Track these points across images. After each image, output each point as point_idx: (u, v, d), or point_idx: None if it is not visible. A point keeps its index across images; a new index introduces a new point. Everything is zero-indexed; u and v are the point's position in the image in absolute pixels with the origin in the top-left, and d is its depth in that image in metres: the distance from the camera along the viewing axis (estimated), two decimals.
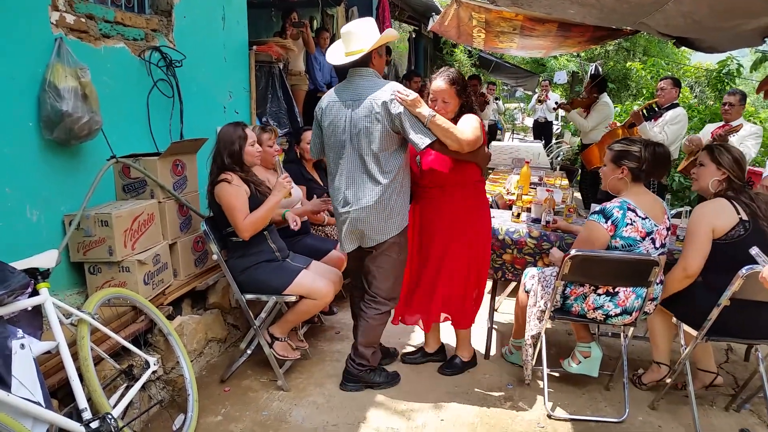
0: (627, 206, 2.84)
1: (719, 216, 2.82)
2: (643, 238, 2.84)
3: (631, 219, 2.82)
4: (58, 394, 2.40)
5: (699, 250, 2.84)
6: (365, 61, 2.89)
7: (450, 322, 3.35)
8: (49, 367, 2.38)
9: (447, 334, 3.60)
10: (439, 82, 2.97)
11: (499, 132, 12.69)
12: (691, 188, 3.14)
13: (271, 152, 3.61)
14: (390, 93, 2.81)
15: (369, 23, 2.91)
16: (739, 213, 2.79)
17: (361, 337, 3.15)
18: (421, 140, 2.80)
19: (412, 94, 2.79)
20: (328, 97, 2.98)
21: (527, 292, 3.23)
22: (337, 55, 2.96)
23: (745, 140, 4.70)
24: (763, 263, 2.37)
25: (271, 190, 3.13)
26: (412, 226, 3.19)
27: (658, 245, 2.87)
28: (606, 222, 2.83)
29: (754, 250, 2.41)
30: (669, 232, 2.96)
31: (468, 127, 2.91)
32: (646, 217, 2.84)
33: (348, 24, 2.97)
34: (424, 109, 2.80)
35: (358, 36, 2.86)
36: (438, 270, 3.19)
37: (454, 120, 2.97)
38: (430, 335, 3.53)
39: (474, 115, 3.00)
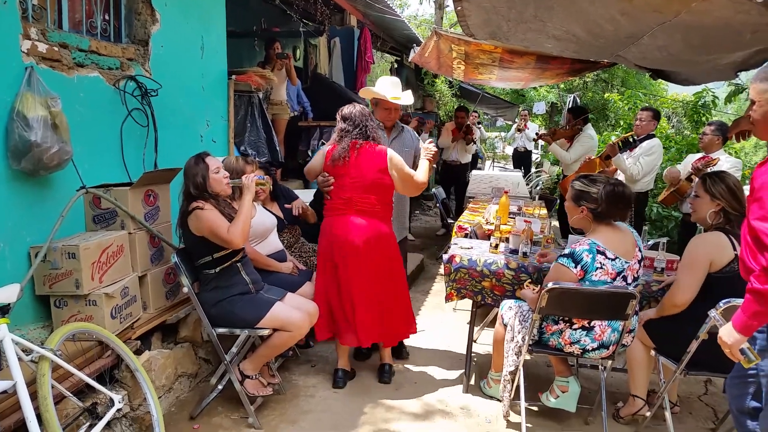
0: (596, 248, 2.79)
1: (718, 250, 2.79)
2: (614, 279, 2.80)
3: (600, 262, 2.78)
4: None
5: (692, 284, 2.82)
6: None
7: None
8: (5, 407, 2.27)
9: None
10: None
11: (480, 160, 12.71)
12: (691, 219, 3.15)
13: None
14: None
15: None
16: (735, 249, 2.74)
17: None
18: None
19: None
20: None
21: (505, 325, 3.19)
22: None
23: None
24: (720, 324, 2.25)
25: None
26: None
27: (630, 281, 2.85)
28: (575, 267, 2.79)
29: (713, 312, 2.35)
30: (641, 265, 2.93)
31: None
32: (616, 258, 2.80)
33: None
34: None
35: None
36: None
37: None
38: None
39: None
